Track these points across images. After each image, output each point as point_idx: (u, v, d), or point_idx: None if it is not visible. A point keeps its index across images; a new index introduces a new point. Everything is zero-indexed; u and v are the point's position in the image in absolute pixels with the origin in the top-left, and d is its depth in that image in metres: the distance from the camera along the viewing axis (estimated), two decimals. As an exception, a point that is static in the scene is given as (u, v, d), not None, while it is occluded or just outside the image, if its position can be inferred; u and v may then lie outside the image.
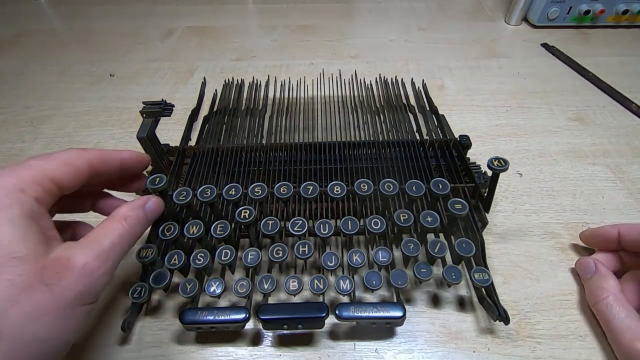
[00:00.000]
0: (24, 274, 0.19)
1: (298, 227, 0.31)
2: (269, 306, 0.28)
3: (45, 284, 0.19)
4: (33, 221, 0.20)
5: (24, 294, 0.18)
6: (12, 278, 0.18)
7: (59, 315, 0.19)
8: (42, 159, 0.22)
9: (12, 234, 0.19)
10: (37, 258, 0.19)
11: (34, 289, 0.19)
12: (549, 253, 0.36)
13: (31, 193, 0.20)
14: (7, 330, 0.18)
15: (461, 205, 0.31)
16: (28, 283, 0.18)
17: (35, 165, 0.21)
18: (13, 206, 0.19)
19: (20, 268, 0.19)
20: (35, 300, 0.19)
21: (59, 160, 0.23)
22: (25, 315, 0.18)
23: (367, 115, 0.46)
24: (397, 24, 0.73)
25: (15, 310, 0.18)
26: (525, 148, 0.47)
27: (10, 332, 0.18)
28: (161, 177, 0.30)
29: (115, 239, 0.23)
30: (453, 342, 0.30)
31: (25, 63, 0.63)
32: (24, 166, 0.21)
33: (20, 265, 0.19)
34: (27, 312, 0.18)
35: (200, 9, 0.78)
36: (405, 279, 0.30)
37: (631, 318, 0.28)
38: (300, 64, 0.62)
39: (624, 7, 0.65)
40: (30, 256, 0.19)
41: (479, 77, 0.59)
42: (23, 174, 0.21)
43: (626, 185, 0.42)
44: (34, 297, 0.19)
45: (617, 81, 0.56)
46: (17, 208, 0.19)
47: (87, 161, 0.24)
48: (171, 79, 0.59)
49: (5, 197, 0.19)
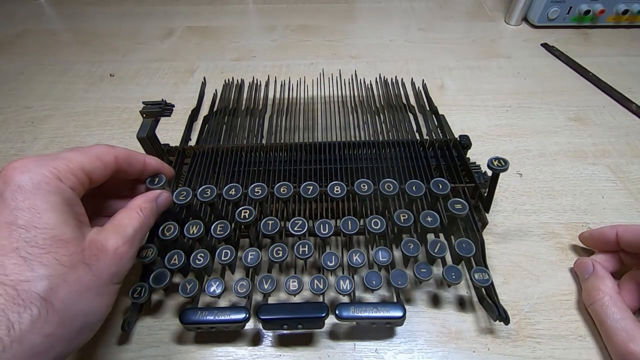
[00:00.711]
0: (69, 254, 0.21)
1: (298, 227, 0.31)
2: (269, 306, 0.28)
3: (86, 264, 0.21)
4: (70, 207, 0.22)
5: (70, 272, 0.21)
6: (59, 258, 0.20)
7: (98, 292, 0.22)
8: (77, 152, 0.24)
9: (56, 218, 0.21)
10: (78, 241, 0.22)
11: (77, 268, 0.21)
12: (549, 253, 0.36)
13: (68, 183, 0.22)
14: (58, 303, 0.20)
15: (461, 205, 0.31)
16: (72, 263, 0.21)
17: (71, 158, 0.23)
18: (55, 193, 0.21)
19: (66, 249, 0.21)
20: (79, 278, 0.21)
21: (92, 155, 0.25)
22: (72, 291, 0.21)
23: (367, 115, 0.46)
24: (397, 24, 0.73)
25: (64, 287, 0.20)
26: (525, 148, 0.47)
27: (61, 306, 0.20)
28: (160, 177, 0.30)
29: (136, 227, 0.25)
30: (453, 342, 0.30)
31: (25, 63, 0.63)
32: (62, 157, 0.23)
33: (66, 247, 0.21)
34: (73, 289, 0.21)
35: (200, 9, 0.78)
36: (405, 279, 0.30)
37: (626, 320, 0.28)
38: (300, 64, 0.62)
39: (624, 7, 0.65)
40: (72, 239, 0.21)
41: (479, 77, 0.59)
42: (61, 165, 0.23)
43: (626, 185, 0.42)
44: (78, 275, 0.21)
45: (617, 81, 0.56)
46: (58, 195, 0.22)
47: (115, 158, 0.26)
48: (171, 79, 0.59)
49: (47, 184, 0.21)
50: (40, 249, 0.20)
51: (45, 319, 0.19)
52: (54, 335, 0.20)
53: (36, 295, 0.19)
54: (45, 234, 0.20)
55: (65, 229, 0.21)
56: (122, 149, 0.27)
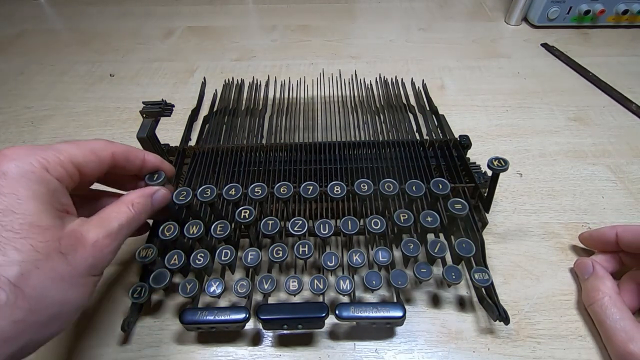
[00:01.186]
0: (44, 241, 0.21)
1: (298, 227, 0.31)
2: (269, 306, 0.28)
3: (61, 253, 0.21)
4: (54, 198, 0.22)
5: (44, 259, 0.20)
6: (34, 244, 0.20)
7: (73, 282, 0.22)
8: (72, 145, 0.24)
9: (36, 206, 0.21)
10: (56, 230, 0.21)
11: (52, 257, 0.21)
12: (549, 253, 0.36)
13: (54, 174, 0.23)
14: (29, 290, 0.20)
15: (461, 205, 0.31)
16: (47, 250, 0.21)
17: (63, 150, 0.24)
18: (39, 183, 0.22)
19: (42, 236, 0.21)
20: (54, 266, 0.21)
21: (87, 149, 0.25)
22: (45, 279, 0.20)
23: (367, 115, 0.46)
24: (397, 24, 0.73)
25: (37, 274, 0.20)
26: (525, 148, 0.47)
27: (32, 293, 0.20)
28: (160, 174, 0.30)
29: (123, 222, 0.25)
30: (453, 342, 0.30)
31: (26, 63, 0.63)
32: (53, 148, 0.23)
33: (42, 234, 0.21)
34: (46, 277, 0.20)
35: (200, 9, 0.78)
36: (405, 279, 0.30)
37: (625, 320, 0.28)
38: (300, 64, 0.62)
39: (624, 7, 0.65)
40: (50, 226, 0.21)
41: (479, 77, 0.59)
42: (50, 156, 0.23)
43: (626, 185, 0.42)
44: (52, 264, 0.21)
45: (617, 81, 0.56)
46: (42, 185, 0.22)
47: (111, 153, 0.26)
48: (171, 79, 0.59)
49: (32, 174, 0.22)
50: (15, 234, 0.20)
51: (14, 304, 0.19)
52: (24, 322, 0.19)
53: (5, 280, 0.19)
54: (23, 220, 0.20)
55: (44, 217, 0.21)
56: (121, 144, 0.27)
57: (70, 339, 0.31)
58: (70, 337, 0.31)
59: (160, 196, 0.28)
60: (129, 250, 0.36)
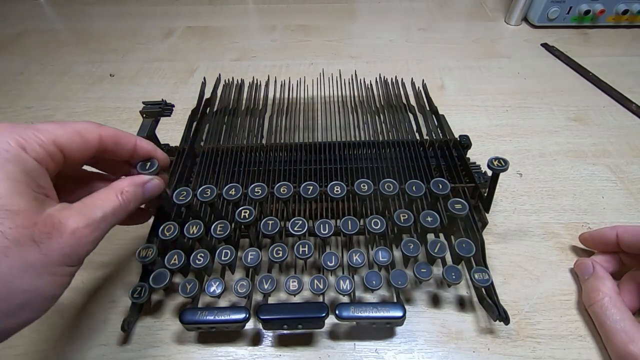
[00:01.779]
0: (15, 227, 0.19)
1: (298, 227, 0.31)
2: (269, 306, 0.28)
3: (34, 241, 0.20)
4: (31, 179, 0.21)
5: (14, 247, 0.19)
6: (4, 230, 0.19)
7: (44, 272, 0.20)
8: (55, 125, 0.23)
9: (9, 187, 0.19)
10: (30, 214, 0.20)
11: (23, 245, 0.19)
12: (549, 253, 0.36)
13: (32, 154, 0.21)
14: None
15: (461, 205, 0.31)
16: (18, 237, 0.19)
17: (44, 129, 0.22)
18: (14, 163, 0.20)
19: (13, 221, 0.19)
20: (24, 255, 0.19)
21: (71, 130, 0.23)
22: (12, 267, 0.19)
23: (367, 115, 0.46)
24: (397, 24, 0.73)
25: (5, 262, 0.19)
26: (525, 148, 0.47)
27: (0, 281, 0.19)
28: (153, 162, 0.28)
29: (108, 211, 0.23)
30: (453, 342, 0.30)
31: (26, 63, 0.63)
32: (35, 128, 0.22)
33: (13, 218, 0.19)
34: (14, 264, 0.19)
35: (200, 9, 0.78)
36: (405, 279, 0.30)
37: (625, 321, 0.28)
38: (300, 64, 0.62)
39: (624, 7, 0.65)
40: (23, 211, 0.20)
41: (478, 77, 0.59)
42: (29, 135, 0.21)
43: (626, 185, 0.42)
44: (23, 251, 0.19)
45: (617, 81, 0.56)
46: (17, 165, 0.20)
47: (99, 136, 0.24)
48: (171, 79, 0.59)
49: (7, 152, 0.20)
50: None
51: None
52: None
53: None
54: None
55: (17, 200, 0.19)
56: (110, 128, 0.25)
57: (70, 339, 0.31)
58: (70, 337, 0.31)
59: (153, 186, 0.27)
60: (129, 250, 0.36)
